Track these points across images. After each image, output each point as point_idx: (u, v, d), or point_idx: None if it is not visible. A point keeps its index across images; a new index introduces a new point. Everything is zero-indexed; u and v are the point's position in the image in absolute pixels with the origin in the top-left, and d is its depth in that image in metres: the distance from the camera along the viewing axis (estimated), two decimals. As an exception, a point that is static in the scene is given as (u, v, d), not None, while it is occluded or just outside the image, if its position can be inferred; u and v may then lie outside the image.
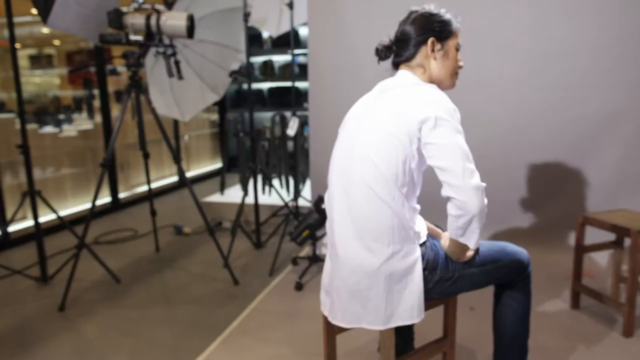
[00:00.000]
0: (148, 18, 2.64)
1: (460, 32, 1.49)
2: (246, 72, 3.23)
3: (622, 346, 2.06)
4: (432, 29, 1.42)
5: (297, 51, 5.65)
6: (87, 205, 4.36)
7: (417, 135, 1.29)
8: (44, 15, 2.36)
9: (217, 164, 6.85)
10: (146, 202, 4.95)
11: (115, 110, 4.68)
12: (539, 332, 2.19)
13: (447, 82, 1.47)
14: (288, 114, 4.57)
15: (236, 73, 3.25)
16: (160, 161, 5.63)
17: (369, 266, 1.32)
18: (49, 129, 4.21)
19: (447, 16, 1.45)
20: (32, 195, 2.77)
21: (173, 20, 2.64)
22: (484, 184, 1.33)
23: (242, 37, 3.77)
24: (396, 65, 1.49)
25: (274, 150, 4.17)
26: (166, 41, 2.73)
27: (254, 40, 6.18)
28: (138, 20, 2.64)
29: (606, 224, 2.21)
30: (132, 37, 2.67)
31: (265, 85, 6.30)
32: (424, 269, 1.35)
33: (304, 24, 4.02)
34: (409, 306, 1.33)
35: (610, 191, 3.02)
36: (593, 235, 2.77)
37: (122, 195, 4.83)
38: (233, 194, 4.14)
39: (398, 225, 1.31)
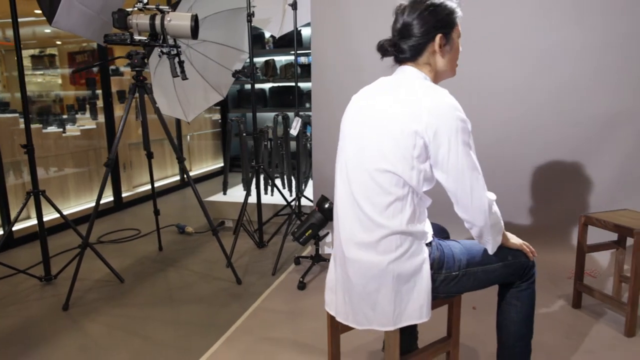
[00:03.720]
0: (152, 18, 2.65)
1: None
2: (250, 73, 3.23)
3: (624, 346, 2.06)
4: (438, 25, 1.37)
5: (299, 51, 5.66)
6: (90, 205, 4.38)
7: (425, 141, 1.27)
8: (49, 16, 2.38)
9: (220, 164, 6.86)
10: (149, 202, 4.97)
11: (118, 110, 4.70)
12: (540, 331, 2.20)
13: (450, 73, 1.46)
14: (291, 113, 4.58)
15: (240, 73, 3.25)
16: (163, 161, 5.65)
17: (377, 267, 1.32)
18: (52, 129, 4.22)
19: (451, 6, 1.39)
20: (36, 195, 2.79)
21: (177, 21, 2.65)
22: (492, 197, 1.34)
23: (246, 37, 3.79)
24: (400, 61, 1.44)
25: (277, 150, 4.18)
26: (170, 41, 2.75)
27: (256, 40, 6.20)
28: (142, 20, 2.65)
29: (609, 224, 2.22)
30: (137, 37, 2.68)
31: (267, 85, 6.32)
32: (430, 268, 1.36)
33: (307, 25, 4.03)
34: (417, 306, 1.34)
35: (613, 191, 3.03)
36: (595, 235, 2.78)
37: (125, 194, 4.84)
38: (236, 194, 4.15)
39: (407, 228, 1.31)
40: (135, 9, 2.66)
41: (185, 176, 5.87)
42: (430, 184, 1.37)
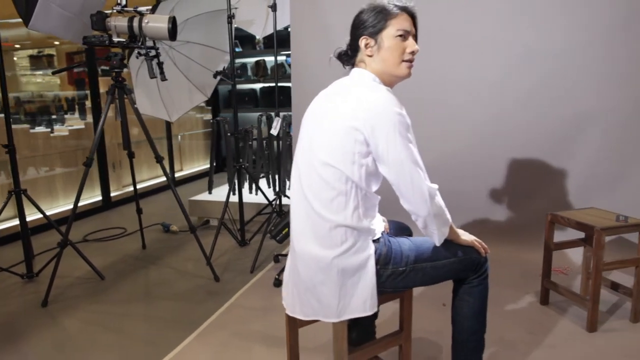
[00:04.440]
0: (131, 20, 2.69)
1: (404, 17, 1.44)
2: (231, 73, 3.28)
3: (585, 340, 2.11)
4: (361, 27, 1.46)
5: (287, 52, 5.70)
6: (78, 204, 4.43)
7: (365, 137, 1.33)
8: (26, 18, 2.42)
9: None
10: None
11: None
12: (505, 326, 2.24)
13: (397, 72, 1.46)
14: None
15: (220, 74, 3.30)
16: (153, 160, 5.69)
17: (323, 261, 1.37)
18: (40, 129, 4.28)
19: (380, 9, 1.44)
20: (18, 194, 2.84)
21: (155, 23, 2.70)
22: (434, 187, 1.39)
23: (232, 38, 3.83)
24: (352, 64, 1.53)
25: (262, 150, 4.24)
26: (149, 43, 2.80)
27: (247, 41, 6.25)
28: (121, 22, 2.69)
29: (572, 222, 2.26)
30: (116, 39, 2.73)
31: (258, 86, 6.36)
32: (376, 264, 1.41)
33: (288, 27, 4.08)
34: (362, 300, 1.39)
35: (586, 190, 3.07)
36: (569, 233, 2.83)
37: (114, 193, 4.90)
38: (221, 193, 4.20)
39: (351, 223, 1.36)
40: (114, 11, 2.71)
41: (174, 175, 5.92)
42: (377, 181, 1.43)
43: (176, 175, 6.03)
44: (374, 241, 1.43)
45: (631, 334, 2.16)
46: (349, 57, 1.54)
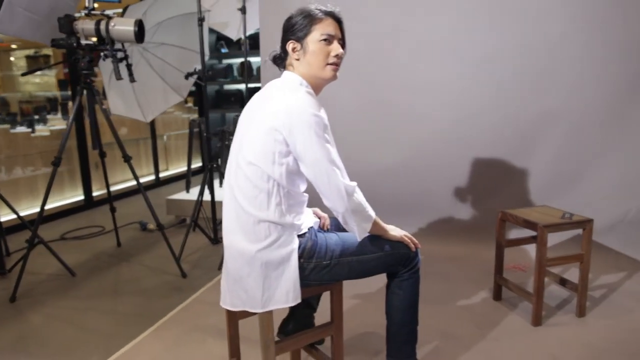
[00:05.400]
0: (98, 23, 2.76)
1: (329, 22, 1.50)
2: (201, 74, 3.35)
3: (527, 334, 2.18)
4: (288, 32, 1.54)
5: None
6: (59, 203, 4.53)
7: (284, 137, 1.40)
8: (-10, 22, 2.49)
9: (197, 163, 6.98)
10: (121, 200, 5.10)
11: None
12: (455, 321, 2.31)
13: (322, 75, 1.52)
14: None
15: (192, 75, 3.37)
16: (138, 160, 5.78)
17: (248, 254, 1.44)
18: (22, 129, 4.35)
19: (306, 14, 1.51)
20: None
21: (121, 26, 2.76)
22: (352, 185, 1.46)
23: (203, 40, 3.90)
24: (284, 67, 1.61)
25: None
26: (118, 45, 2.87)
27: (234, 42, 6.32)
28: (88, 25, 2.77)
29: (519, 219, 2.33)
30: (84, 42, 2.80)
31: (245, 86, 6.43)
32: (300, 257, 1.48)
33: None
34: (285, 291, 1.46)
35: (546, 189, 3.14)
36: (526, 231, 2.89)
37: (98, 192, 4.97)
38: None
39: (274, 219, 1.43)
40: (82, 14, 2.79)
41: (158, 175, 6.00)
42: (302, 180, 1.50)
43: (162, 174, 6.10)
44: (299, 236, 1.50)
45: (574, 327, 2.23)
46: (281, 60, 1.61)
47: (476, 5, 3.06)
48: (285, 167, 1.42)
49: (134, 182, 5.57)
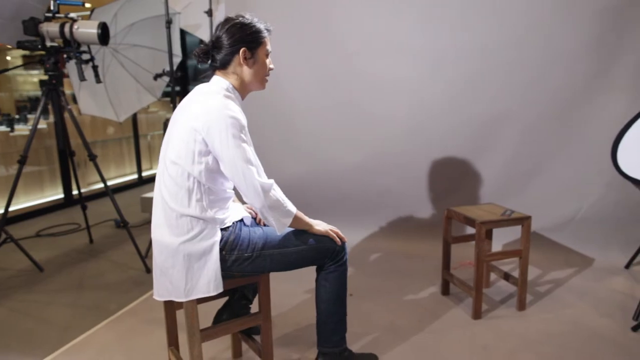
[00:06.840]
0: (62, 26, 2.85)
1: (270, 40, 1.66)
2: (170, 75, 3.43)
3: (466, 327, 2.26)
4: (243, 40, 1.59)
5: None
6: (39, 201, 4.61)
7: (203, 137, 1.49)
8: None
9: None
10: (102, 198, 5.18)
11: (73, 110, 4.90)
12: (399, 314, 2.39)
13: (258, 85, 1.67)
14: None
15: (160, 76, 3.46)
16: (122, 159, 5.87)
17: (171, 247, 1.53)
18: (1, 128, 4.44)
19: (258, 26, 1.61)
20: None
21: (85, 28, 2.85)
22: (268, 182, 1.54)
23: (177, 40, 3.99)
24: (214, 69, 1.66)
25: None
26: (84, 47, 2.96)
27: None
28: (52, 28, 2.85)
29: (461, 217, 2.41)
30: (49, 44, 2.88)
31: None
32: (222, 250, 1.56)
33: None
34: (206, 281, 1.54)
35: (503, 187, 3.22)
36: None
37: (77, 191, 5.04)
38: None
39: (195, 213, 1.52)
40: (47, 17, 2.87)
41: (141, 174, 6.08)
42: (225, 178, 1.58)
43: (146, 173, 6.19)
44: (222, 229, 1.58)
45: (512, 320, 2.31)
46: (214, 60, 1.64)
47: (435, 7, 3.14)
48: (205, 165, 1.50)
49: (115, 181, 5.68)
